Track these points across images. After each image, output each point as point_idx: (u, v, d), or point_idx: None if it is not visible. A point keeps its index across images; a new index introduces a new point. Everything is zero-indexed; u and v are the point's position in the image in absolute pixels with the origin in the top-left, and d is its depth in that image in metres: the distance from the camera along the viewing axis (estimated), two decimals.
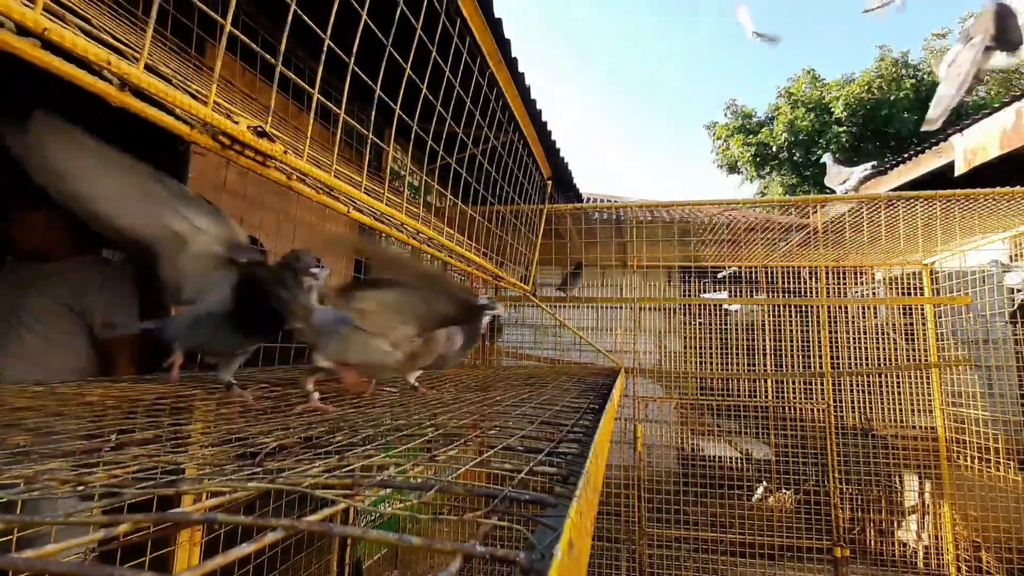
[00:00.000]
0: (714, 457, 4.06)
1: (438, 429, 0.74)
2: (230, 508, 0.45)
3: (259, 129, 0.72)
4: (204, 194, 1.67)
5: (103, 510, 0.40)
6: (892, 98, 11.86)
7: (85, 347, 1.73)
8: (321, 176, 0.89)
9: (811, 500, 3.51)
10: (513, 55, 1.82)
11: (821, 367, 3.65)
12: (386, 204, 1.11)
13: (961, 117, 4.87)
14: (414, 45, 1.10)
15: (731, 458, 4.14)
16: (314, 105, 0.89)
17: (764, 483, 4.11)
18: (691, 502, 3.62)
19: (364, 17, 0.91)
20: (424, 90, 1.17)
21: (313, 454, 0.60)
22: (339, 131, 1.00)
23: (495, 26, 1.63)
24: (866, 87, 12.20)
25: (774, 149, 13.35)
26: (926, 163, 4.08)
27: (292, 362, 1.94)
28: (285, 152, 0.77)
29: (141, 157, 0.88)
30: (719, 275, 4.70)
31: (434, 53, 1.20)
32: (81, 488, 0.44)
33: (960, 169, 3.54)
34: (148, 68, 0.57)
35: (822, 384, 3.64)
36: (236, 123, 0.68)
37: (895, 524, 3.78)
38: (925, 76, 12.05)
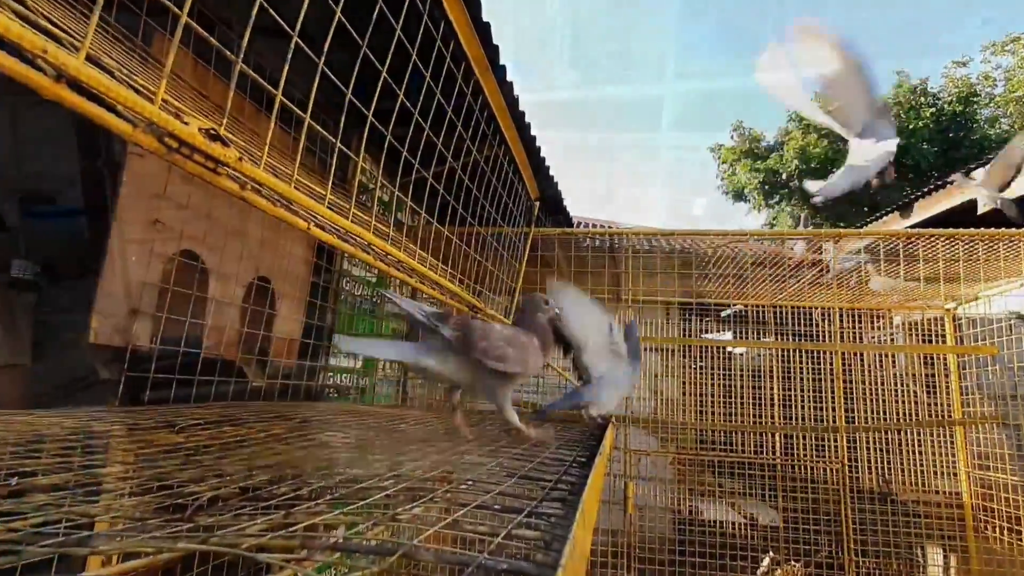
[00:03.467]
0: (714, 522, 4.04)
1: (401, 482, 0.73)
2: (149, 571, 0.43)
3: (212, 132, 0.72)
4: (140, 202, 1.65)
5: None
6: (911, 127, 12.41)
7: None
8: (279, 187, 0.89)
9: (823, 574, 3.49)
10: (501, 62, 1.87)
11: (835, 421, 3.69)
12: (352, 221, 1.11)
13: (984, 151, 5.11)
14: (392, 46, 1.12)
15: (734, 523, 4.12)
16: (276, 107, 0.90)
17: (771, 553, 4.08)
18: (688, 574, 3.57)
19: (339, 14, 0.93)
20: (401, 95, 1.19)
21: (253, 508, 0.58)
22: (303, 137, 1.00)
23: (482, 30, 1.67)
24: None
25: (784, 177, 13.78)
26: (948, 199, 4.25)
27: (233, 398, 1.89)
28: (240, 159, 0.78)
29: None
30: (723, 314, 4.78)
31: (414, 56, 1.22)
32: None
33: (984, 207, 3.69)
34: (89, 59, 0.57)
35: (836, 440, 3.68)
36: (186, 124, 0.68)
37: None
38: (945, 105, 12.68)
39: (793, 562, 3.91)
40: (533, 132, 2.47)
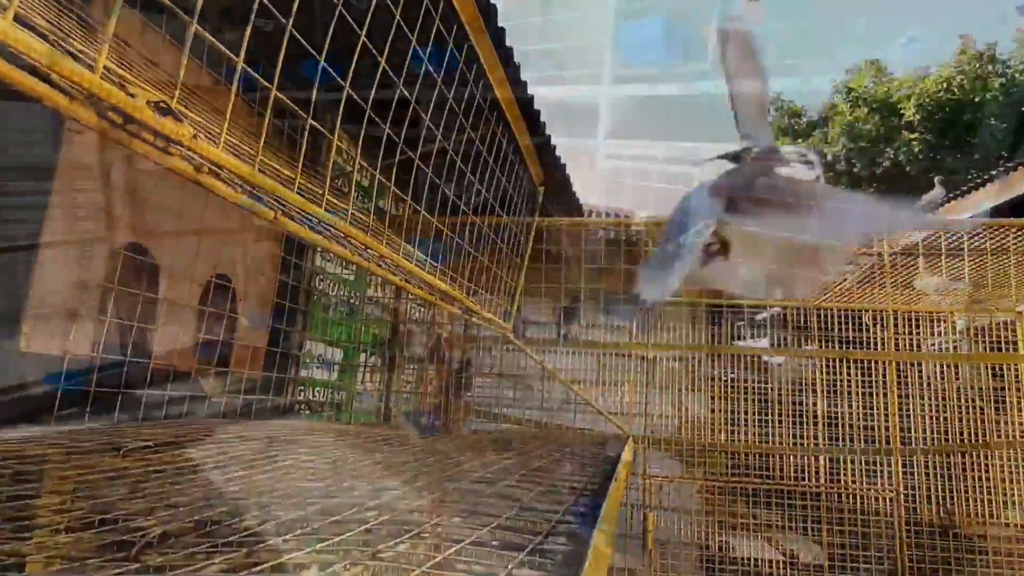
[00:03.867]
0: (749, 559, 4.04)
1: (383, 514, 0.73)
2: None
3: (162, 105, 0.72)
4: (78, 185, 1.65)
5: None
6: (977, 100, 12.38)
7: None
8: (241, 170, 0.89)
9: None
10: (499, 25, 1.87)
11: (888, 442, 3.68)
12: (326, 210, 1.11)
13: None
14: (371, 7, 1.12)
15: (771, 561, 4.12)
16: (237, 77, 0.90)
17: None
18: None
19: None
20: (383, 63, 1.19)
21: (210, 545, 0.58)
22: (268, 112, 1.00)
23: None
24: (944, 85, 12.74)
25: (830, 158, 13.77)
26: (1019, 184, 4.24)
27: (188, 416, 1.89)
28: (195, 136, 0.77)
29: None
30: (758, 317, 4.77)
31: (398, 17, 1.22)
32: None
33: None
34: (18, 20, 0.57)
35: (890, 464, 3.66)
36: (132, 96, 0.68)
37: None
38: (1017, 75, 12.65)
39: None
40: (537, 107, 2.47)
